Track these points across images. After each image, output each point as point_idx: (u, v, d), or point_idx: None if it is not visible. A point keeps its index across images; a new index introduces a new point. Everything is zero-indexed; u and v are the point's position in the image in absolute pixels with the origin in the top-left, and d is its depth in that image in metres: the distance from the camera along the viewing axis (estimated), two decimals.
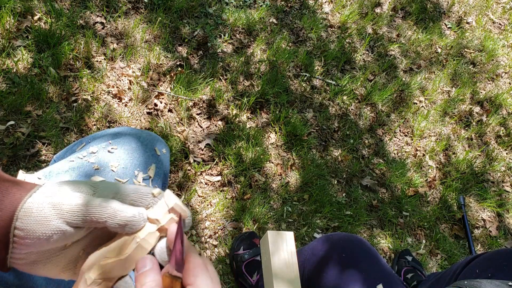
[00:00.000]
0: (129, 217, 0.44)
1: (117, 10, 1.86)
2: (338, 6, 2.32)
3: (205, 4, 2.05)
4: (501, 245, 1.85)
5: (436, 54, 2.39)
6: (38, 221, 0.43)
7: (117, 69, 1.72)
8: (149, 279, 0.41)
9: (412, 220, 1.80)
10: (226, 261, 1.48)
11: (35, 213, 0.44)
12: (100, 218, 0.44)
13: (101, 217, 0.44)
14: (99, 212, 0.44)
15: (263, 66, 1.97)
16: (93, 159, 0.77)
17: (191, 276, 0.43)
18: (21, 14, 1.68)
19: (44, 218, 0.44)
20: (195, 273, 0.43)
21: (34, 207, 0.44)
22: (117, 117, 1.62)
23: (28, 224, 0.43)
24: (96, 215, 0.44)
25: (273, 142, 1.80)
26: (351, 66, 2.17)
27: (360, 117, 2.01)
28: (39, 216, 0.44)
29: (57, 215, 0.44)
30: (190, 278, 0.42)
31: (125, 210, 0.44)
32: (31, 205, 0.44)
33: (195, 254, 0.45)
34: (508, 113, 2.31)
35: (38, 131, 1.48)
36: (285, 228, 1.61)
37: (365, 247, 1.04)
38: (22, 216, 0.44)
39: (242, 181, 1.63)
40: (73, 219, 0.44)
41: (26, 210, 0.44)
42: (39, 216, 0.44)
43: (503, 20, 2.72)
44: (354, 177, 1.83)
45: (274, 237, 1.04)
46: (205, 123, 1.75)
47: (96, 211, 0.44)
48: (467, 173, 2.01)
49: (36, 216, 0.44)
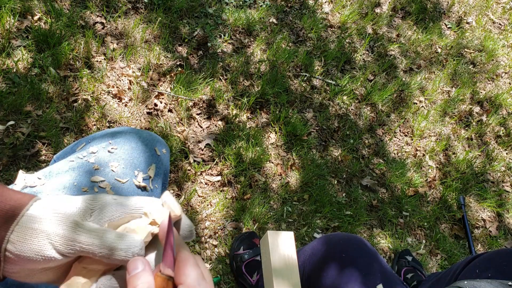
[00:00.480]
0: (122, 258, 0.44)
1: (117, 10, 1.86)
2: (338, 6, 2.32)
3: (205, 4, 2.05)
4: (501, 245, 1.85)
5: (436, 54, 2.39)
6: (31, 249, 0.43)
7: (117, 69, 1.72)
8: (141, 280, 0.41)
9: (412, 220, 1.80)
10: (226, 261, 1.48)
11: (28, 239, 0.43)
12: (94, 254, 0.44)
13: (94, 253, 0.44)
14: (92, 249, 0.44)
15: (263, 66, 1.97)
16: (93, 159, 0.77)
17: (182, 275, 0.42)
18: (21, 14, 1.68)
19: (38, 246, 0.43)
20: (186, 272, 0.42)
21: (27, 232, 0.44)
22: (117, 117, 1.62)
23: (20, 250, 0.43)
24: (90, 251, 0.44)
25: (273, 142, 1.80)
26: (351, 66, 2.17)
27: (360, 117, 2.01)
28: (32, 244, 0.43)
29: (50, 245, 0.43)
30: (181, 277, 0.42)
31: (118, 249, 0.44)
32: (24, 230, 0.44)
33: (186, 251, 0.45)
34: (508, 113, 2.31)
35: (38, 131, 1.48)
36: (285, 228, 1.61)
37: (365, 247, 1.04)
38: (14, 240, 0.43)
39: (242, 181, 1.63)
40: (66, 251, 0.44)
41: (18, 234, 0.43)
42: (32, 244, 0.43)
43: (503, 20, 2.72)
44: (354, 177, 1.83)
45: (274, 237, 1.04)
46: (205, 123, 1.75)
47: (90, 247, 0.44)
48: (467, 173, 2.01)
49: (30, 244, 0.43)
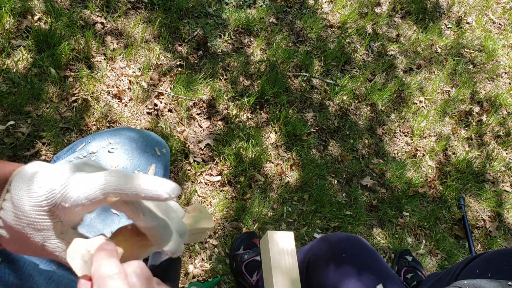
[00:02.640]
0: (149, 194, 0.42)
1: (117, 10, 1.86)
2: (338, 6, 2.32)
3: (205, 4, 2.05)
4: (501, 245, 1.85)
5: (436, 54, 2.39)
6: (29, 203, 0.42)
7: (117, 69, 1.72)
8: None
9: (412, 220, 1.80)
10: (226, 261, 1.48)
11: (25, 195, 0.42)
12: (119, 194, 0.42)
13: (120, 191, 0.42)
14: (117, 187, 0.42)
15: (263, 66, 1.97)
16: (93, 159, 0.77)
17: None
18: (21, 14, 1.68)
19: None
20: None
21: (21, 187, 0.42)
22: (117, 117, 1.62)
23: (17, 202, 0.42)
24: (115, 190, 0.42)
25: (273, 142, 1.80)
26: (351, 66, 2.17)
27: (360, 117, 2.01)
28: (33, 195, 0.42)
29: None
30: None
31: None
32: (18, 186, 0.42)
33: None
34: (508, 113, 2.31)
35: (38, 131, 1.48)
36: (285, 228, 1.61)
37: (365, 247, 1.04)
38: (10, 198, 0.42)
39: (242, 181, 1.63)
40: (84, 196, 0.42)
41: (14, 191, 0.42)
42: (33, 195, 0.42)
43: (503, 20, 2.72)
44: (354, 177, 1.83)
45: (274, 237, 1.04)
46: (205, 123, 1.75)
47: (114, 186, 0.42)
48: (467, 173, 2.01)
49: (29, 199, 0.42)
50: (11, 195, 0.42)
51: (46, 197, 0.41)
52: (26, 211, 0.41)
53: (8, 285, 0.62)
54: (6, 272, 0.62)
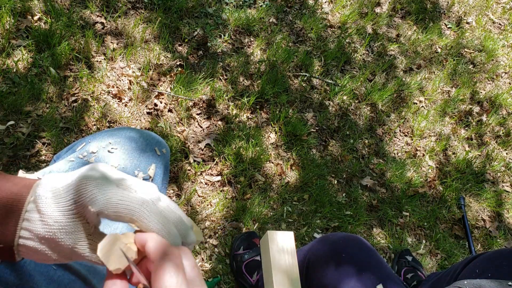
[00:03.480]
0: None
1: (117, 10, 1.86)
2: (338, 6, 2.32)
3: (205, 4, 2.05)
4: (501, 245, 1.85)
5: (436, 54, 2.39)
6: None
7: (117, 69, 1.72)
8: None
9: (412, 220, 1.80)
10: (226, 261, 1.48)
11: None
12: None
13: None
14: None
15: (263, 66, 1.97)
16: (93, 159, 0.77)
17: (157, 282, 0.38)
18: (21, 14, 1.68)
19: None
20: (163, 279, 0.38)
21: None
22: (117, 117, 1.62)
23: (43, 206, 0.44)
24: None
25: (273, 142, 1.80)
26: (351, 66, 2.17)
27: (360, 117, 2.01)
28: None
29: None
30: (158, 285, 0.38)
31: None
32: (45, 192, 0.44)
33: (165, 255, 0.40)
34: (508, 113, 2.31)
35: (38, 131, 1.48)
36: (285, 228, 1.61)
37: (365, 247, 1.04)
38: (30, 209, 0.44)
39: (242, 181, 1.63)
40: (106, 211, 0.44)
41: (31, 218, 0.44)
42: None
43: (503, 20, 2.72)
44: (354, 177, 1.83)
45: (274, 237, 1.04)
46: (205, 123, 1.75)
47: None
48: (467, 173, 2.01)
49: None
50: (35, 204, 0.44)
51: (74, 201, 0.43)
52: (55, 216, 0.43)
53: (9, 285, 0.62)
54: (6, 272, 0.62)
